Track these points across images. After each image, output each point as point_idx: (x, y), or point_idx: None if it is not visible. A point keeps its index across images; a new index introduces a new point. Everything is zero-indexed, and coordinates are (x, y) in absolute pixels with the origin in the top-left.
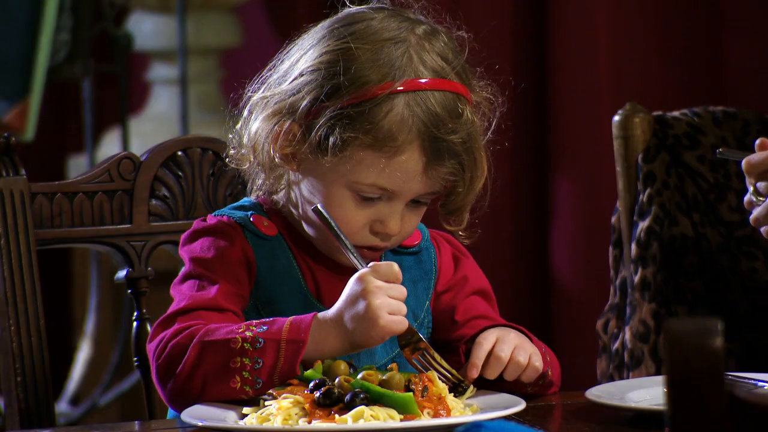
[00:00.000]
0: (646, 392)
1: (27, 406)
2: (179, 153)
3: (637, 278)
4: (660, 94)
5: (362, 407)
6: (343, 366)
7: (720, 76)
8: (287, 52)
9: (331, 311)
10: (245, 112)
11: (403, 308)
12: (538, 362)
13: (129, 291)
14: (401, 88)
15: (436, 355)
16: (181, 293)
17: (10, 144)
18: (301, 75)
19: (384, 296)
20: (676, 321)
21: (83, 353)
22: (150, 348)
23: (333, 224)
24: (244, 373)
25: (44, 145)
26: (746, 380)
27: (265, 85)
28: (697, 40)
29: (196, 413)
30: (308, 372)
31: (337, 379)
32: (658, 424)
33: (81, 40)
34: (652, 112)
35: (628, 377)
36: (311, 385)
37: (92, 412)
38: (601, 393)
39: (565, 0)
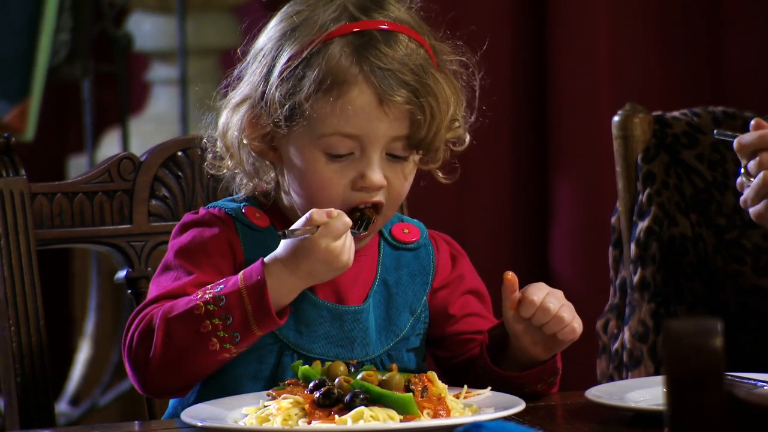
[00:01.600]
0: (646, 392)
1: (27, 406)
2: (179, 153)
3: (636, 278)
4: (660, 95)
5: (362, 408)
6: (342, 366)
7: (720, 77)
8: (244, 58)
9: (281, 254)
10: (217, 116)
11: (346, 224)
12: (577, 325)
13: (129, 291)
14: (339, 32)
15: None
16: (155, 286)
17: (10, 144)
18: (252, 62)
19: (338, 237)
20: (675, 321)
21: (83, 353)
22: (123, 344)
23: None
24: (218, 333)
25: (44, 145)
26: (746, 380)
27: (226, 90)
28: (697, 40)
29: (195, 413)
30: (308, 372)
31: (336, 380)
32: (658, 424)
33: (81, 40)
34: (652, 112)
35: (627, 377)
36: (311, 385)
37: (92, 412)
38: (601, 393)
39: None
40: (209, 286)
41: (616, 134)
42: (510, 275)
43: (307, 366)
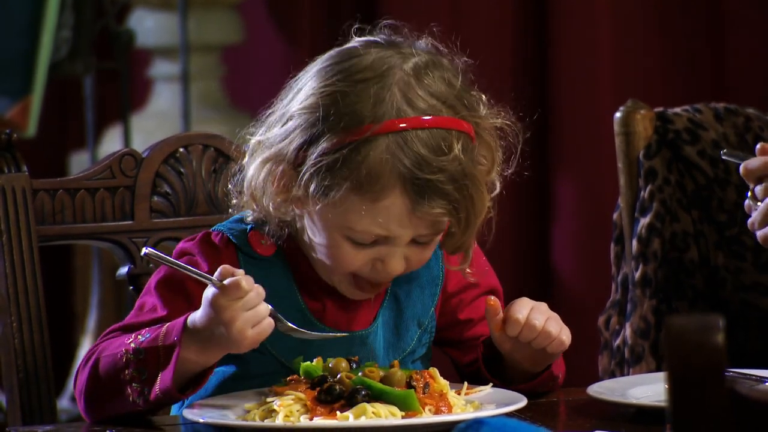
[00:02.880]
0: (648, 388)
1: (29, 402)
2: (181, 150)
3: (637, 275)
4: (662, 92)
5: (364, 404)
6: (344, 363)
7: (722, 74)
8: (285, 91)
9: (199, 323)
10: (246, 157)
11: (264, 311)
12: (565, 336)
13: (131, 287)
14: (381, 130)
15: (305, 331)
16: (136, 309)
17: (11, 140)
18: (290, 119)
19: (242, 315)
20: (677, 317)
21: (85, 350)
22: None
23: (170, 261)
24: (134, 384)
25: (46, 141)
26: (747, 377)
27: (264, 127)
28: (699, 36)
29: (197, 410)
30: (310, 368)
31: (338, 376)
32: (660, 420)
33: (83, 37)
34: (654, 108)
35: (629, 374)
36: (313, 381)
37: None
38: (603, 389)
39: None
40: (144, 331)
41: (617, 131)
42: (492, 300)
43: (309, 362)
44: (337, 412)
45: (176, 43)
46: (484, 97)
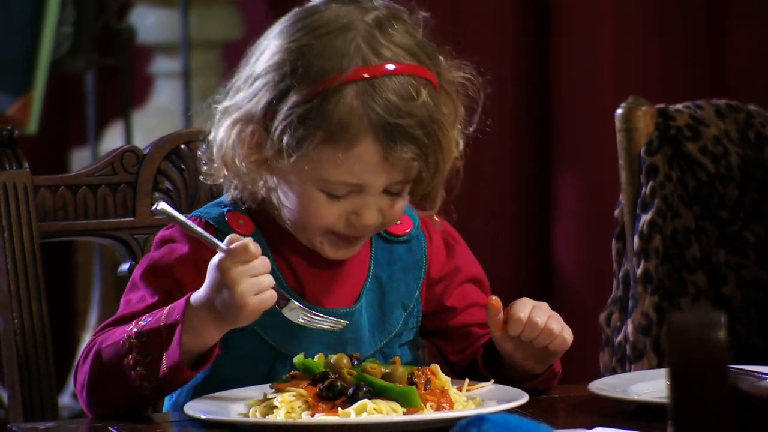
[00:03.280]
0: (649, 385)
1: (30, 398)
2: (182, 146)
3: (639, 271)
4: (663, 89)
5: (365, 400)
6: (345, 359)
7: (723, 69)
8: (248, 56)
9: (201, 296)
10: (214, 126)
11: (269, 282)
12: (567, 335)
13: None
14: (350, 78)
15: (312, 312)
16: (123, 302)
17: (13, 137)
18: (256, 79)
19: (246, 279)
20: (679, 314)
21: None
22: None
23: (178, 217)
24: (138, 368)
25: (47, 138)
26: (749, 373)
27: (229, 93)
28: (700, 32)
29: (199, 406)
30: (311, 365)
31: (340, 373)
32: (661, 416)
33: (84, 33)
34: (655, 105)
35: (630, 370)
36: (314, 378)
37: None
38: (604, 386)
39: None
40: (144, 316)
41: (619, 127)
42: (494, 300)
43: (310, 359)
44: (339, 409)
45: (177, 40)
46: (444, 51)
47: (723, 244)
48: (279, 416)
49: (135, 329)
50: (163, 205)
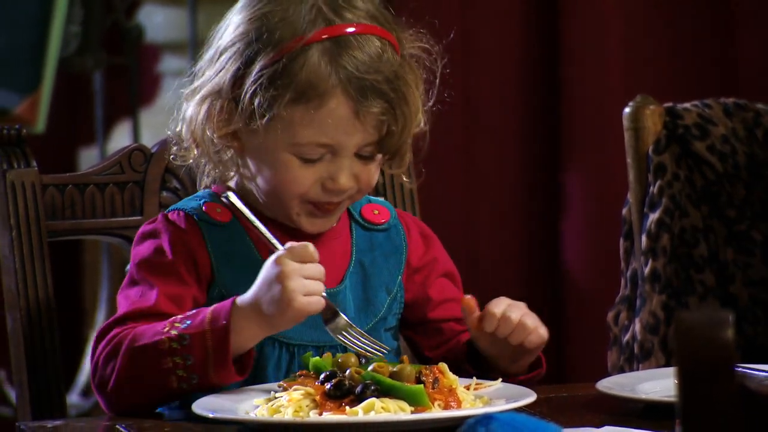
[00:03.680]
0: (657, 384)
1: (38, 397)
2: None
3: (647, 270)
4: (671, 87)
5: (373, 399)
6: (353, 358)
7: (731, 68)
8: (210, 39)
9: (248, 296)
10: (182, 108)
11: (319, 287)
12: (543, 331)
13: None
14: (315, 38)
15: (359, 330)
16: (124, 299)
17: (21, 136)
18: (222, 54)
19: (299, 278)
20: (686, 312)
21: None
22: (90, 360)
23: (244, 210)
24: (178, 371)
25: (55, 137)
26: (757, 371)
27: (196, 75)
28: (709, 32)
29: (206, 405)
30: (319, 363)
31: (347, 371)
32: (669, 415)
33: (92, 32)
34: (663, 104)
35: (638, 369)
36: (322, 376)
37: None
38: (612, 384)
39: None
40: (179, 318)
41: (627, 126)
42: (468, 298)
43: (318, 357)
44: (347, 408)
45: (185, 39)
46: (400, 22)
47: (730, 243)
48: (287, 415)
49: (174, 332)
50: (232, 197)
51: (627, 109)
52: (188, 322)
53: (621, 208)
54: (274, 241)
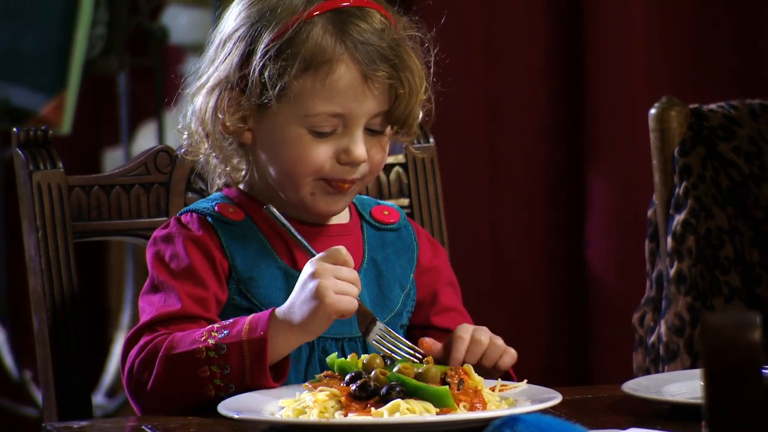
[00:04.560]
0: (683, 386)
1: (64, 397)
2: None
3: (672, 271)
4: (697, 89)
5: (398, 400)
6: (378, 359)
7: (757, 69)
8: (211, 37)
9: (285, 304)
10: (189, 104)
11: (353, 290)
12: (512, 350)
13: None
14: (317, 10)
15: (396, 335)
16: (148, 305)
17: (47, 137)
18: (225, 43)
19: (332, 277)
20: (713, 314)
21: (119, 346)
22: (121, 365)
23: (283, 221)
24: (215, 380)
25: (81, 138)
26: None
27: (199, 73)
28: (734, 33)
29: (232, 405)
30: (344, 364)
31: (373, 372)
32: (695, 417)
33: (117, 34)
34: (689, 105)
35: (663, 371)
36: (347, 378)
37: (128, 404)
38: (638, 386)
39: None
40: (216, 327)
41: (652, 127)
42: (426, 341)
43: (343, 358)
44: (372, 409)
45: None
46: (392, 9)
47: (756, 244)
48: (312, 416)
49: (212, 341)
50: (271, 208)
51: (652, 111)
52: (226, 332)
53: (646, 209)
54: (308, 246)
